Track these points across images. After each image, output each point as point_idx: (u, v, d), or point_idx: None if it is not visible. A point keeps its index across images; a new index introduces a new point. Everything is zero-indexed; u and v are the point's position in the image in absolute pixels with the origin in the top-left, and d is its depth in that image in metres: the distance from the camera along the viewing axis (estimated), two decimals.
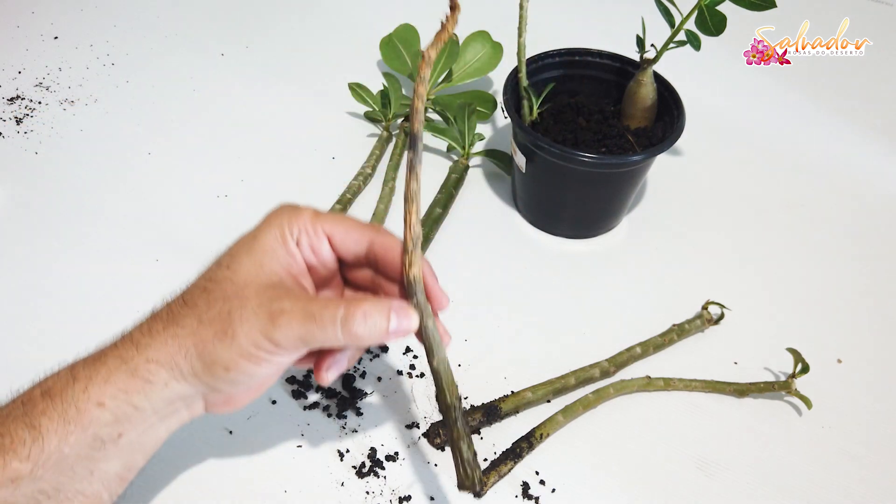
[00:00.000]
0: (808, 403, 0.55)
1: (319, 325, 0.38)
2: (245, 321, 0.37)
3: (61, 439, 0.36)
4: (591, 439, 0.53)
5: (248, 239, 0.42)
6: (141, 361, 0.37)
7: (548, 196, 0.66)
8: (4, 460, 0.35)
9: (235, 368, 0.38)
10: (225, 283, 0.39)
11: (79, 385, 0.37)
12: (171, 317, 0.39)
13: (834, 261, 0.68)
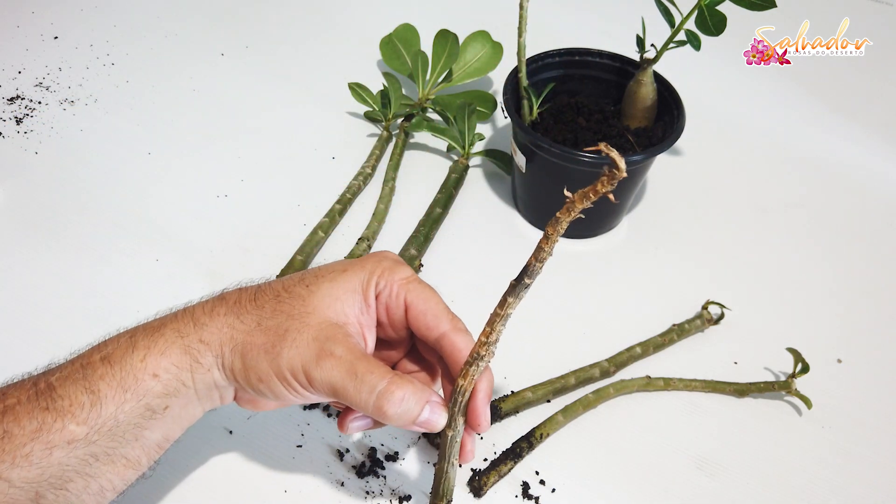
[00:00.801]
0: (808, 403, 0.55)
1: (357, 387, 0.38)
2: (294, 346, 0.38)
3: (118, 406, 0.36)
4: (591, 439, 0.53)
5: (338, 268, 0.42)
6: (194, 340, 0.38)
7: (548, 196, 0.66)
8: (63, 422, 0.35)
9: (267, 383, 0.38)
10: (297, 300, 0.39)
11: (137, 354, 0.37)
12: (236, 307, 0.39)
13: (834, 261, 0.68)
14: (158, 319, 0.40)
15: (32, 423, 0.35)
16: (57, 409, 0.36)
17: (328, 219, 0.65)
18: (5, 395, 0.36)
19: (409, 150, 0.75)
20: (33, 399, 0.36)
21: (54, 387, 0.36)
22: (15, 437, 0.35)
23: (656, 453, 0.53)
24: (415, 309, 0.41)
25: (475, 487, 0.50)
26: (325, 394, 0.39)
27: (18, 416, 0.35)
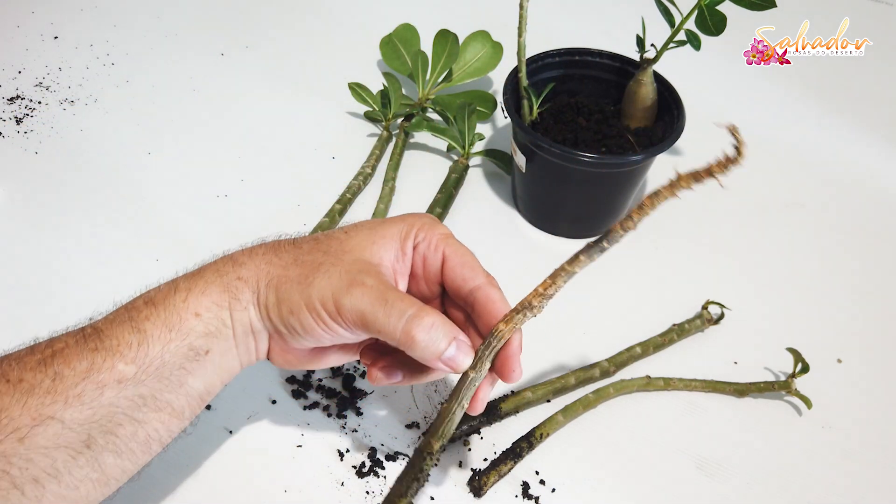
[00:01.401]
0: (808, 403, 0.55)
1: (386, 311, 0.38)
2: (327, 276, 0.38)
3: (164, 346, 0.37)
4: (591, 439, 0.53)
5: (376, 220, 0.44)
6: (233, 278, 0.39)
7: (548, 196, 0.66)
8: (112, 361, 0.36)
9: (297, 315, 0.38)
10: (334, 241, 0.41)
11: (179, 295, 0.38)
12: (276, 247, 0.41)
13: (834, 261, 0.68)
14: (198, 267, 0.41)
15: (83, 364, 0.36)
16: (106, 348, 0.36)
17: (328, 219, 0.65)
18: (53, 342, 0.37)
19: (409, 150, 0.75)
20: (81, 342, 0.36)
21: (101, 330, 0.37)
22: (66, 378, 0.35)
23: (656, 453, 0.53)
24: (452, 261, 0.42)
25: (475, 487, 0.50)
26: (354, 323, 0.38)
27: (68, 358, 0.36)
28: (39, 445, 0.34)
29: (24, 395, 0.34)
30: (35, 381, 0.35)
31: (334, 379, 0.56)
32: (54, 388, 0.35)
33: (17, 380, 0.35)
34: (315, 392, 0.55)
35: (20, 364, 0.35)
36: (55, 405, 0.34)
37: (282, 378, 0.55)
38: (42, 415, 0.34)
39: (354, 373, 0.56)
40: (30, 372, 0.35)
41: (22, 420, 0.34)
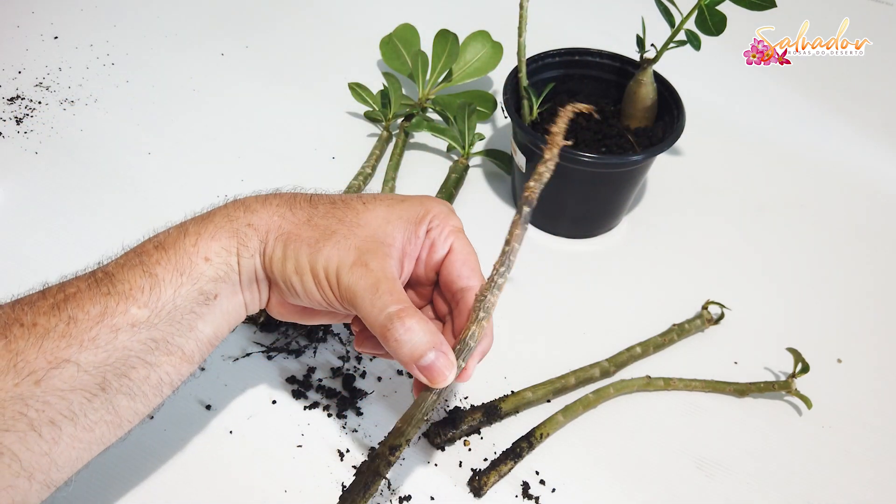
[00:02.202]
0: (808, 403, 0.55)
1: (372, 300, 0.38)
2: (336, 247, 0.39)
3: (175, 289, 0.37)
4: (591, 439, 0.53)
5: (397, 197, 0.44)
6: (243, 224, 0.39)
7: (548, 196, 0.66)
8: (126, 305, 0.36)
9: (300, 275, 0.39)
10: (351, 211, 0.41)
11: (189, 239, 0.39)
12: (291, 201, 0.41)
13: (834, 261, 0.68)
14: (208, 210, 0.41)
15: (96, 308, 0.36)
16: (118, 293, 0.36)
17: None
18: (64, 286, 0.37)
19: (409, 150, 0.75)
20: (94, 286, 0.37)
21: (112, 274, 0.37)
22: (80, 322, 0.35)
23: (656, 453, 0.53)
24: (456, 255, 0.43)
25: (475, 487, 0.50)
26: (346, 300, 0.39)
27: (81, 302, 0.36)
28: (56, 388, 0.34)
29: (39, 338, 0.34)
30: (49, 324, 0.35)
31: (334, 379, 0.56)
32: (69, 331, 0.35)
33: (31, 323, 0.35)
34: (315, 392, 0.55)
35: (33, 308, 0.36)
36: (70, 348, 0.35)
37: (282, 378, 0.55)
38: (58, 358, 0.34)
39: (354, 373, 0.56)
40: (43, 316, 0.35)
41: (38, 363, 0.34)
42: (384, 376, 0.56)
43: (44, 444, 0.34)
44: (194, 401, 0.53)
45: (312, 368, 0.56)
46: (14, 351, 0.34)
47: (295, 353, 0.57)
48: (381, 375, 0.56)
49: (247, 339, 0.58)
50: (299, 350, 0.57)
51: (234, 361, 0.56)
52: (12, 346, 0.34)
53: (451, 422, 0.52)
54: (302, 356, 0.57)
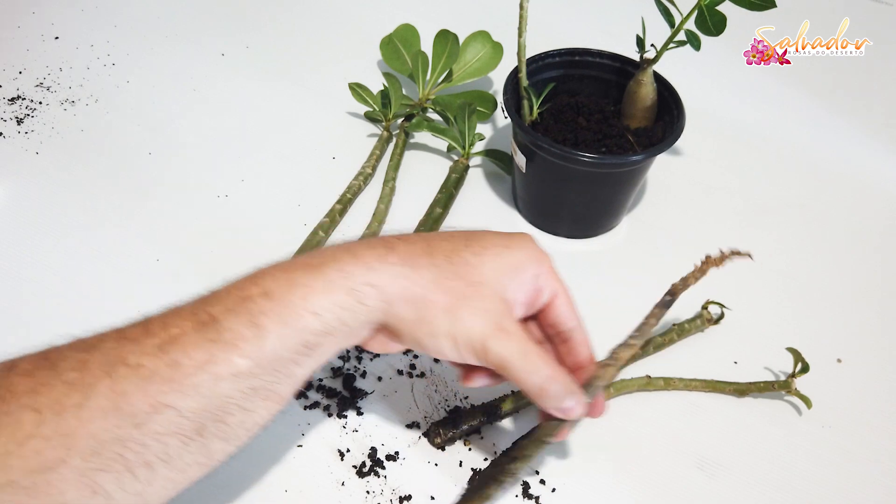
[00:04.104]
0: (808, 403, 0.55)
1: (524, 367, 0.41)
2: (474, 315, 0.40)
3: (279, 341, 0.37)
4: (591, 439, 0.53)
5: (499, 242, 0.44)
6: (361, 282, 0.39)
7: (548, 196, 0.66)
8: (229, 355, 0.36)
9: (436, 339, 0.40)
10: (467, 266, 0.41)
11: (298, 291, 0.38)
12: (410, 258, 0.40)
13: (834, 260, 0.68)
14: (316, 257, 0.40)
15: (201, 355, 0.36)
16: (224, 341, 0.36)
17: (328, 219, 0.65)
18: (167, 324, 0.37)
19: (409, 150, 0.75)
20: (199, 330, 0.36)
21: (218, 319, 0.37)
22: (184, 367, 0.35)
23: (656, 453, 0.53)
24: (561, 299, 0.45)
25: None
26: (494, 365, 0.41)
27: (185, 347, 0.36)
28: (155, 432, 0.34)
29: (143, 381, 0.34)
30: (154, 367, 0.35)
31: (335, 379, 0.56)
32: (172, 376, 0.35)
33: (136, 364, 0.35)
34: (315, 392, 0.55)
35: (138, 347, 0.35)
36: (172, 394, 0.35)
37: None
38: (160, 403, 0.34)
39: (355, 373, 0.56)
40: (148, 357, 0.35)
41: (140, 406, 0.34)
42: (384, 376, 0.56)
43: (138, 485, 0.35)
44: None
45: None
46: (119, 392, 0.34)
47: None
48: (382, 375, 0.56)
49: None
50: None
51: None
52: (117, 387, 0.34)
53: (451, 422, 0.52)
54: None
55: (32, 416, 0.33)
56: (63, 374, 0.34)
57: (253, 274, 0.40)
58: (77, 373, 0.34)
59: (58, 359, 0.35)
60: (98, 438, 0.33)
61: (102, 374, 0.34)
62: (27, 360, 0.35)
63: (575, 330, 0.46)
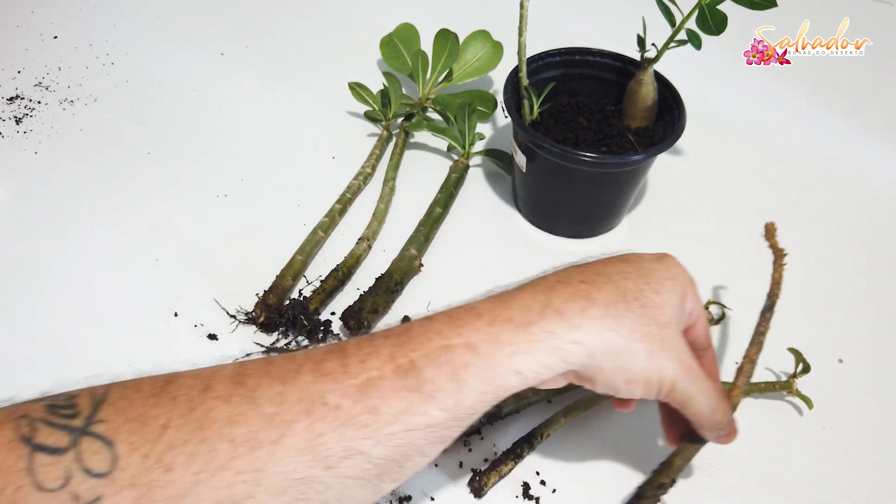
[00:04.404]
0: (809, 403, 0.55)
1: (707, 404, 0.42)
2: (670, 359, 0.40)
3: (477, 398, 0.36)
4: (591, 439, 0.53)
5: (666, 272, 0.43)
6: (566, 341, 0.38)
7: (548, 196, 0.66)
8: (428, 408, 0.35)
9: (631, 384, 0.40)
10: (655, 308, 0.40)
11: (504, 350, 0.37)
12: (611, 309, 0.39)
13: (834, 261, 0.68)
14: (512, 308, 0.39)
15: (400, 404, 0.35)
16: (424, 392, 0.35)
17: (328, 219, 0.65)
18: (367, 365, 0.36)
19: (409, 150, 0.75)
20: (398, 376, 0.36)
21: (419, 367, 0.36)
22: (381, 414, 0.35)
23: (657, 453, 0.53)
24: (701, 321, 0.46)
25: (475, 488, 0.50)
26: (675, 401, 0.42)
27: (384, 393, 0.35)
28: (341, 475, 0.34)
29: (341, 424, 0.34)
30: (352, 411, 0.34)
31: None
32: (369, 423, 0.35)
33: (335, 405, 0.34)
34: None
35: (336, 386, 0.35)
36: (367, 441, 0.35)
37: None
38: (353, 448, 0.34)
39: None
40: (347, 399, 0.35)
41: (334, 450, 0.34)
42: None
43: None
44: None
45: None
46: (316, 432, 0.34)
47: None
48: None
49: (247, 340, 0.58)
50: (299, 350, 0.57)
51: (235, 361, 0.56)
52: (315, 427, 0.34)
53: None
54: None
55: (228, 447, 0.33)
56: (261, 406, 0.34)
57: (449, 315, 0.38)
58: (275, 407, 0.34)
59: (255, 387, 0.34)
60: (288, 477, 0.33)
61: (301, 412, 0.34)
62: (222, 383, 0.35)
63: (708, 350, 0.47)
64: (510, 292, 0.40)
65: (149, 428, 0.32)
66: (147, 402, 0.33)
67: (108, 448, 0.32)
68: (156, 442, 0.32)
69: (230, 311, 0.59)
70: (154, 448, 0.32)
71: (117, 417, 0.33)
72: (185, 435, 0.32)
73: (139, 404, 0.33)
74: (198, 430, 0.33)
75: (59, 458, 0.31)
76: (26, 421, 0.32)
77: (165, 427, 0.32)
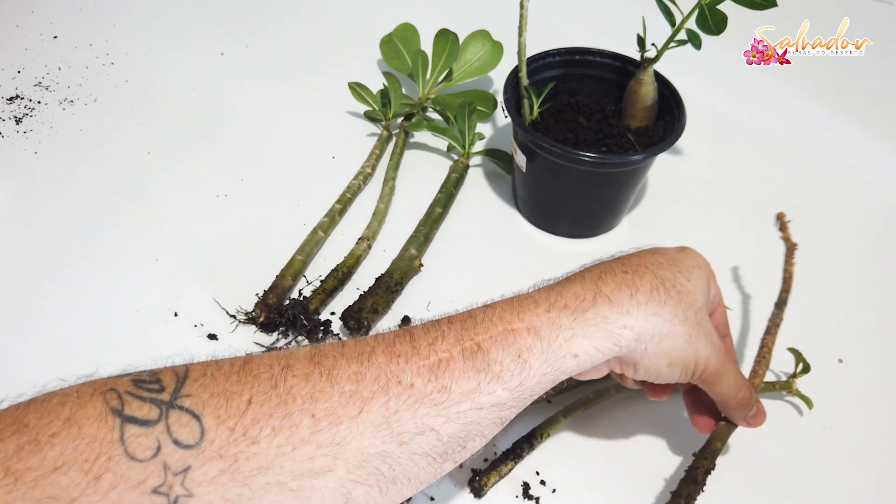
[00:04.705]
0: (809, 404, 0.55)
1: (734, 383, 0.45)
2: (706, 342, 0.43)
3: (539, 380, 0.39)
4: (591, 439, 0.53)
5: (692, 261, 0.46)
6: (618, 326, 0.40)
7: (548, 195, 0.66)
8: (494, 387, 0.37)
9: (673, 367, 0.42)
10: (688, 294, 0.43)
11: (563, 334, 0.39)
12: (654, 296, 0.41)
13: (834, 261, 0.68)
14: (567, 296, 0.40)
15: (469, 383, 0.37)
16: (492, 373, 0.37)
17: (328, 219, 0.65)
18: (436, 347, 0.37)
19: (409, 150, 0.75)
20: (467, 357, 0.37)
21: (485, 349, 0.38)
22: (452, 393, 0.36)
23: (657, 453, 0.53)
24: (721, 308, 0.48)
25: (475, 488, 0.50)
26: (703, 380, 0.44)
27: (454, 373, 0.37)
28: (413, 451, 0.36)
29: (415, 402, 0.36)
30: (425, 390, 0.36)
31: None
32: (440, 400, 0.36)
33: (409, 384, 0.36)
34: None
35: (409, 366, 0.37)
36: (438, 418, 0.36)
37: None
38: (426, 425, 0.36)
39: None
40: (419, 378, 0.36)
41: (408, 426, 0.36)
42: None
43: (380, 499, 0.36)
44: None
45: None
46: (392, 409, 0.35)
47: None
48: None
49: (247, 340, 0.58)
50: None
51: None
52: (391, 404, 0.35)
53: None
54: None
55: (310, 421, 0.34)
56: (340, 383, 0.35)
57: (508, 303, 0.40)
58: (353, 385, 0.35)
59: (332, 366, 0.36)
60: (365, 452, 0.35)
61: (378, 390, 0.35)
62: (300, 363, 0.36)
63: (727, 337, 0.49)
64: (560, 282, 0.42)
65: (234, 402, 0.34)
66: (229, 380, 0.34)
67: (196, 421, 0.33)
68: (241, 416, 0.33)
69: (230, 310, 0.59)
70: (240, 422, 0.33)
71: (202, 392, 0.34)
72: (269, 409, 0.34)
73: (222, 381, 0.34)
74: (281, 405, 0.34)
75: (150, 429, 0.32)
76: (114, 394, 0.33)
77: (250, 402, 0.34)
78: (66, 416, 0.32)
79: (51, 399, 0.32)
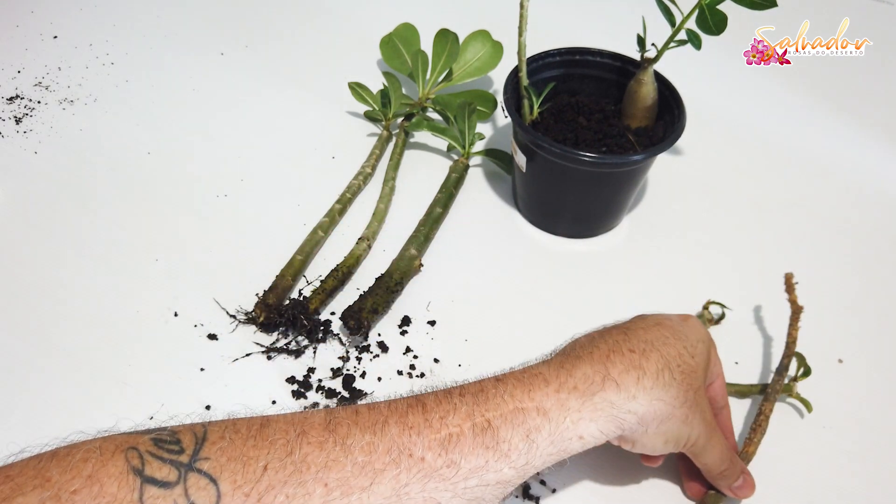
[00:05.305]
0: (808, 407, 0.55)
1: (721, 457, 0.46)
2: (701, 422, 0.44)
3: (544, 459, 0.40)
4: None
5: (696, 333, 0.47)
6: (624, 411, 0.41)
7: (548, 195, 0.66)
8: (501, 466, 0.38)
9: (665, 444, 0.44)
10: (692, 374, 0.44)
11: (570, 416, 0.40)
12: (657, 379, 0.42)
13: (834, 261, 0.68)
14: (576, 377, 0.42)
15: (477, 461, 0.38)
16: (500, 451, 0.38)
17: (328, 219, 0.65)
18: (447, 421, 0.38)
19: (409, 150, 0.75)
20: (477, 434, 0.38)
21: (495, 427, 0.39)
22: (460, 469, 0.37)
23: None
24: (719, 381, 0.50)
25: None
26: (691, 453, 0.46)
27: (463, 449, 0.38)
28: None
29: (424, 476, 0.37)
30: (435, 464, 0.37)
31: (334, 379, 0.56)
32: (449, 476, 0.37)
33: (420, 457, 0.37)
34: (315, 392, 0.55)
35: (422, 438, 0.38)
36: (446, 493, 0.37)
37: (282, 378, 0.55)
38: (433, 499, 0.37)
39: (354, 373, 0.56)
40: (430, 452, 0.37)
41: (416, 499, 0.37)
42: (384, 377, 0.56)
43: None
44: (194, 401, 0.53)
45: (312, 369, 0.56)
46: (402, 482, 0.36)
47: (295, 353, 0.57)
48: (382, 376, 0.56)
49: (247, 339, 0.58)
50: (299, 350, 0.57)
51: (234, 362, 0.56)
52: (401, 478, 0.36)
53: None
54: (302, 356, 0.57)
55: (322, 490, 0.35)
56: (353, 454, 0.36)
57: (518, 379, 0.41)
58: (366, 456, 0.36)
59: (346, 435, 0.37)
60: None
61: (389, 462, 0.36)
62: (315, 429, 0.37)
63: (725, 408, 0.51)
64: (570, 358, 0.43)
65: (250, 468, 0.34)
66: (246, 444, 0.35)
67: (213, 485, 0.34)
68: (257, 482, 0.34)
69: (230, 311, 0.59)
70: (255, 488, 0.34)
71: (220, 456, 0.35)
72: (284, 477, 0.35)
73: (239, 445, 0.35)
74: (295, 472, 0.35)
75: (168, 491, 0.33)
76: (136, 453, 0.34)
77: (265, 468, 0.35)
78: (89, 472, 0.32)
79: (74, 454, 0.33)
